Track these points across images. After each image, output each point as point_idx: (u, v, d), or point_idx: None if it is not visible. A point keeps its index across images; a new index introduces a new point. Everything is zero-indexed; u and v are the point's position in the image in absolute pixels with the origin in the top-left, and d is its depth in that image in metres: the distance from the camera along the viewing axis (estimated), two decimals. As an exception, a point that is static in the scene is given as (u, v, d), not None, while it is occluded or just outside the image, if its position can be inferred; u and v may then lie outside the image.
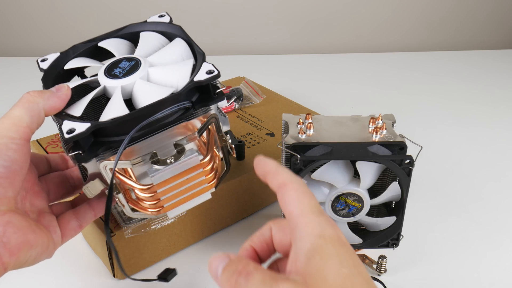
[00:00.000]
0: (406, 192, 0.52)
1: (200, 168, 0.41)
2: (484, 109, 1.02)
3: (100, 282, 0.58)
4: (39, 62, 0.45)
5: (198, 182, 0.42)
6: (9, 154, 0.35)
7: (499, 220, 0.68)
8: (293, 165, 0.50)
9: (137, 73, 0.42)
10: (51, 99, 0.39)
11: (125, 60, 0.44)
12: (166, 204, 0.42)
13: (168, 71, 0.43)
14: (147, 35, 0.48)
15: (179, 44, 0.46)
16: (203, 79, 0.40)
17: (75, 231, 0.43)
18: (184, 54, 0.46)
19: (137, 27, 0.49)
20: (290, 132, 0.53)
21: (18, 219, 0.36)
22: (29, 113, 0.37)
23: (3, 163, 0.35)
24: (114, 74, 0.42)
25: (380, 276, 0.58)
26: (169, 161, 0.40)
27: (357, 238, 0.56)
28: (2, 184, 0.35)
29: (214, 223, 0.64)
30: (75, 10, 1.31)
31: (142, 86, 0.41)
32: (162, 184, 0.40)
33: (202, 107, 0.41)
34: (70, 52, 0.47)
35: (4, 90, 1.11)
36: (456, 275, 0.58)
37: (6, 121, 0.36)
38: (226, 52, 1.36)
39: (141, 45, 0.47)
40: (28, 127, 0.37)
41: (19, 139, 0.36)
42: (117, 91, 0.41)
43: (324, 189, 0.53)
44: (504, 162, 0.83)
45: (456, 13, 1.38)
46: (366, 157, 0.50)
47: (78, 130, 0.37)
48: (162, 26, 0.49)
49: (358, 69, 1.23)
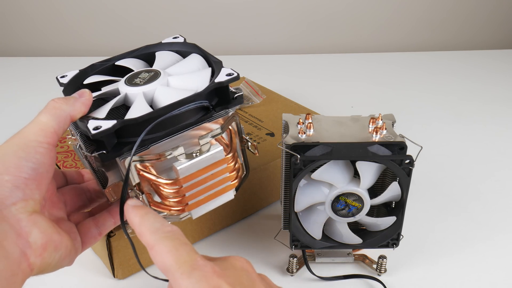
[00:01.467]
0: (406, 192, 0.52)
1: (225, 163, 0.42)
2: (484, 109, 1.02)
3: (100, 282, 0.58)
4: (59, 78, 0.47)
5: (222, 179, 0.43)
6: (37, 157, 0.36)
7: (498, 219, 0.68)
8: (293, 165, 0.50)
9: (157, 81, 0.43)
10: (76, 104, 0.40)
11: (144, 72, 0.45)
12: (191, 202, 0.42)
13: (187, 78, 0.45)
14: (162, 53, 0.50)
15: (195, 57, 0.48)
16: (223, 80, 0.41)
17: (95, 239, 0.44)
18: (200, 65, 0.47)
19: (152, 48, 0.51)
20: (290, 132, 0.53)
21: (43, 220, 0.36)
22: (56, 119, 0.38)
23: (31, 165, 0.36)
24: (135, 83, 0.43)
25: (380, 276, 0.58)
26: (195, 154, 0.40)
27: (357, 238, 0.56)
28: (29, 186, 0.36)
29: (214, 223, 0.64)
30: (75, 10, 1.31)
31: (163, 90, 0.43)
32: (188, 178, 0.41)
33: (222, 110, 0.43)
34: (89, 69, 0.49)
35: (4, 90, 1.11)
36: (455, 275, 0.58)
37: (34, 127, 0.38)
38: (226, 52, 1.36)
39: (158, 61, 0.49)
40: (55, 133, 0.38)
41: (47, 144, 0.37)
42: (139, 96, 0.42)
43: (324, 189, 0.53)
44: (504, 162, 0.83)
45: (456, 13, 1.38)
46: (366, 157, 0.50)
47: (104, 127, 0.37)
48: (177, 45, 0.50)
49: (358, 69, 1.23)
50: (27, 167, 0.36)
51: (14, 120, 0.95)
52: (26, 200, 0.35)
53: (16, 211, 0.35)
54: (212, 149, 0.41)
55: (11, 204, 0.35)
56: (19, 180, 0.35)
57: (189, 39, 0.50)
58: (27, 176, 0.36)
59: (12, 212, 0.35)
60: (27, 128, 0.38)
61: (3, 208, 0.34)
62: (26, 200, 0.35)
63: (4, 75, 1.19)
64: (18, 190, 0.35)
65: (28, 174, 0.36)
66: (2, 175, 0.35)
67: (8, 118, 0.97)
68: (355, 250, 0.60)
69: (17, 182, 0.35)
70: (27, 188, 0.35)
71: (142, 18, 1.32)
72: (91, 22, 1.33)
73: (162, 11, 1.31)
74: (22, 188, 0.35)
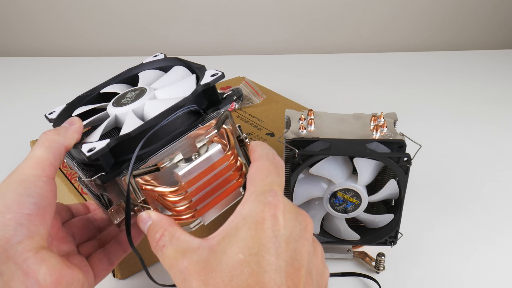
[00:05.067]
0: (404, 190, 0.53)
1: (225, 161, 0.41)
2: (484, 109, 1.02)
3: (100, 282, 0.58)
4: (47, 115, 0.46)
5: (226, 178, 0.42)
6: (37, 191, 0.36)
7: (498, 219, 0.68)
8: (291, 159, 0.50)
9: (144, 97, 0.43)
10: (68, 133, 0.39)
11: (130, 91, 0.45)
12: (199, 206, 0.42)
13: (173, 88, 0.45)
14: (145, 73, 0.50)
15: (178, 68, 0.48)
16: (209, 81, 0.41)
17: (107, 270, 0.43)
18: (184, 74, 0.47)
19: (134, 70, 0.51)
20: (291, 128, 0.53)
21: (52, 256, 0.35)
22: (51, 151, 0.38)
23: (33, 200, 0.35)
24: (123, 103, 0.43)
25: (379, 274, 0.58)
26: (194, 157, 0.40)
27: (355, 234, 0.56)
28: (33, 221, 0.35)
29: (214, 223, 0.64)
30: (75, 10, 1.31)
31: (152, 104, 0.43)
32: (191, 182, 0.40)
33: (214, 112, 0.43)
34: (76, 102, 0.48)
35: (4, 90, 1.11)
36: (455, 274, 0.58)
37: (30, 162, 0.37)
38: (226, 52, 1.36)
39: (142, 80, 0.49)
40: (52, 165, 0.37)
41: (45, 177, 0.36)
42: (129, 114, 0.42)
43: (323, 184, 0.53)
44: (504, 162, 0.83)
45: (456, 13, 1.38)
46: (364, 153, 0.50)
47: (98, 147, 0.37)
48: (159, 62, 0.50)
49: (358, 69, 1.23)
50: (29, 203, 0.35)
51: (14, 120, 0.95)
52: (31, 237, 0.34)
53: (23, 249, 0.34)
54: (210, 148, 0.40)
55: (17, 242, 0.34)
56: (22, 217, 0.34)
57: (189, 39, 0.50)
58: (30, 212, 0.35)
59: (19, 251, 0.33)
60: (23, 164, 0.37)
61: (8, 248, 0.33)
62: (32, 237, 0.34)
63: (4, 75, 1.20)
64: (22, 228, 0.34)
65: (31, 209, 0.35)
66: (4, 213, 0.34)
67: (8, 118, 0.97)
68: (354, 247, 0.60)
69: (20, 219, 0.34)
70: (31, 224, 0.34)
71: (142, 18, 1.32)
72: (91, 22, 1.33)
73: (162, 11, 1.31)
74: (26, 225, 0.34)
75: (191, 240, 0.35)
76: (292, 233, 0.34)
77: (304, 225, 0.36)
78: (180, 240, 0.35)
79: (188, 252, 0.34)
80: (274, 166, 0.37)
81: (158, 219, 0.38)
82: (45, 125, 0.43)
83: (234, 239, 0.33)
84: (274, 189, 0.35)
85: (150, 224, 0.38)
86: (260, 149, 0.39)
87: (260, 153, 0.38)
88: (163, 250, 0.35)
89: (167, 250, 0.35)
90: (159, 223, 0.37)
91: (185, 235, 0.36)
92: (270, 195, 0.34)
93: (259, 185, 0.35)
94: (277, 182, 0.36)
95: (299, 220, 0.35)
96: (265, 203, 0.34)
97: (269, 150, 0.39)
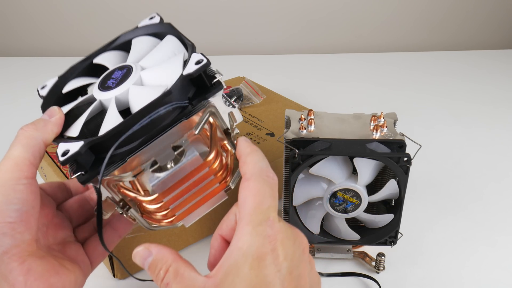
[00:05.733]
0: (404, 190, 0.53)
1: (206, 167, 0.39)
2: (484, 109, 1.02)
3: (100, 282, 0.58)
4: (39, 90, 0.44)
5: (208, 183, 0.40)
6: (17, 196, 0.34)
7: (498, 219, 0.68)
8: (291, 159, 0.50)
9: (129, 80, 0.39)
10: (47, 127, 0.37)
11: (117, 70, 0.41)
12: (178, 212, 0.40)
13: (159, 70, 0.41)
14: (138, 40, 0.46)
15: (170, 41, 0.44)
16: (192, 70, 0.37)
17: (102, 256, 0.43)
18: (176, 49, 0.43)
19: (129, 35, 0.47)
20: (291, 128, 0.53)
21: (38, 264, 0.35)
22: (30, 150, 0.35)
23: (14, 207, 0.33)
24: (108, 86, 0.40)
25: (379, 274, 0.58)
26: (169, 165, 0.37)
27: (355, 234, 0.56)
28: (17, 229, 0.33)
29: (214, 223, 0.64)
30: (75, 10, 1.31)
31: (135, 91, 0.39)
32: (167, 192, 0.38)
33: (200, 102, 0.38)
34: (68, 74, 0.45)
35: (4, 90, 1.11)
36: (455, 275, 0.58)
37: (7, 163, 0.35)
38: (226, 52, 1.36)
39: (133, 51, 0.45)
40: (32, 164, 0.35)
41: (25, 179, 0.35)
42: (112, 103, 0.39)
43: (323, 184, 0.53)
44: (504, 162, 0.83)
45: (456, 13, 1.38)
46: (364, 153, 0.50)
47: (72, 150, 0.34)
48: (152, 27, 0.47)
49: (358, 69, 1.23)
50: (10, 210, 0.33)
51: (14, 120, 0.95)
52: (17, 246, 0.33)
53: (9, 260, 0.33)
54: (186, 156, 0.37)
55: (2, 253, 0.33)
56: (5, 226, 0.33)
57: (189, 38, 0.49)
58: (12, 220, 0.33)
59: (5, 262, 0.33)
60: (1, 166, 0.35)
61: None
62: (18, 245, 0.33)
63: (4, 75, 1.20)
64: (6, 237, 0.33)
65: (13, 217, 0.33)
66: None
67: (8, 118, 0.97)
68: (355, 247, 0.60)
69: (3, 229, 0.33)
70: (15, 232, 0.33)
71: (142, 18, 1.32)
72: (91, 22, 1.33)
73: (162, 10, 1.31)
74: (10, 234, 0.33)
75: (196, 278, 0.34)
76: (293, 261, 0.34)
77: (302, 248, 0.36)
78: (184, 278, 0.34)
79: None
80: (268, 186, 0.35)
81: (160, 254, 0.36)
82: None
83: (238, 279, 0.32)
84: (270, 217, 0.34)
85: (152, 260, 0.36)
86: (251, 161, 0.36)
87: (252, 169, 0.35)
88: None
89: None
90: (162, 259, 0.35)
91: (189, 272, 0.34)
92: (268, 226, 0.33)
93: (255, 213, 0.34)
94: (272, 206, 0.34)
95: (297, 245, 0.35)
96: (264, 236, 0.33)
97: (261, 163, 0.36)
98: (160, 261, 0.35)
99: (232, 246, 0.34)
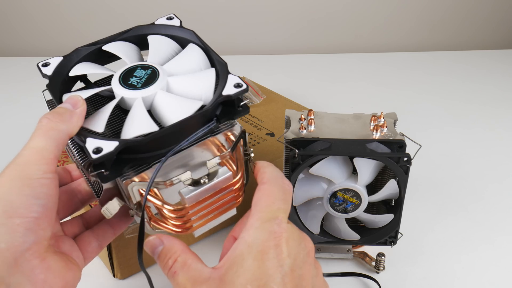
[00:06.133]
0: (403, 190, 0.53)
1: (232, 186, 0.40)
2: (484, 109, 1.02)
3: (100, 282, 0.58)
4: (41, 67, 0.41)
5: (228, 199, 0.41)
6: (44, 191, 0.33)
7: (498, 219, 0.68)
8: (291, 159, 0.50)
9: (157, 84, 0.39)
10: (73, 120, 0.36)
11: (140, 68, 0.41)
12: (195, 224, 0.40)
13: (190, 82, 0.40)
14: (156, 39, 0.45)
15: (195, 50, 0.43)
16: (232, 93, 0.37)
17: (96, 252, 0.42)
18: (201, 62, 0.43)
19: (144, 29, 0.46)
20: (291, 128, 0.53)
21: (56, 260, 0.35)
22: (55, 142, 0.34)
23: (40, 202, 0.33)
24: (132, 84, 0.39)
25: (379, 274, 0.58)
26: (203, 181, 0.38)
27: (355, 234, 0.56)
28: (41, 225, 0.33)
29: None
30: (76, 9, 1.31)
31: (164, 97, 0.39)
32: (195, 205, 0.38)
33: (227, 121, 0.39)
34: (74, 56, 0.44)
35: (4, 90, 1.11)
36: (455, 275, 0.58)
37: (33, 154, 0.34)
38: (226, 52, 1.35)
39: (152, 51, 0.44)
40: (55, 158, 0.34)
41: (50, 173, 0.34)
42: (139, 104, 0.38)
43: (323, 184, 0.53)
44: (504, 162, 0.83)
45: (456, 13, 1.38)
46: (364, 153, 0.50)
47: (106, 150, 0.33)
48: (173, 30, 0.45)
49: (358, 69, 1.23)
50: (36, 205, 0.33)
51: (14, 120, 0.95)
52: (39, 243, 0.33)
53: (31, 256, 0.33)
54: (220, 174, 0.38)
55: (26, 250, 0.32)
56: (31, 222, 0.32)
57: None
58: (37, 215, 0.33)
59: (27, 259, 0.32)
60: (25, 156, 0.34)
61: (18, 256, 0.32)
62: (40, 242, 0.33)
63: (4, 75, 1.19)
64: (31, 233, 0.32)
65: (38, 212, 0.33)
66: (13, 218, 0.32)
67: (8, 118, 0.97)
68: (355, 247, 0.60)
69: (29, 224, 0.32)
70: (39, 228, 0.33)
71: (143, 17, 1.31)
72: (91, 22, 1.33)
73: (162, 10, 1.30)
74: (35, 230, 0.33)
75: (202, 269, 0.35)
76: (296, 260, 0.35)
77: (307, 250, 0.36)
78: (191, 268, 0.35)
79: (198, 281, 0.34)
80: (282, 191, 0.37)
81: (170, 244, 0.37)
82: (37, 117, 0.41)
83: (241, 269, 0.33)
84: (279, 217, 0.35)
85: (162, 249, 0.37)
86: (269, 171, 0.38)
87: (269, 176, 0.38)
88: (174, 277, 0.35)
89: (178, 277, 0.35)
90: (172, 248, 0.36)
91: (196, 263, 0.35)
92: (275, 223, 0.35)
93: (264, 211, 0.35)
94: (282, 209, 0.36)
95: (302, 246, 0.36)
96: (270, 231, 0.34)
97: (277, 173, 0.39)
98: (169, 251, 0.36)
99: (239, 239, 0.35)
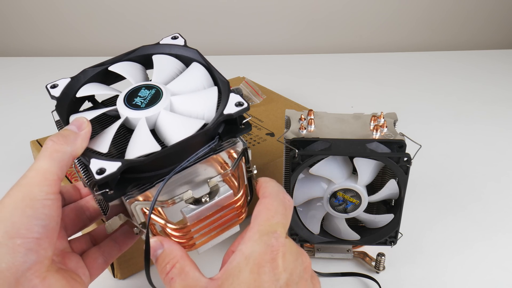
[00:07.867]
0: (404, 190, 0.53)
1: (234, 204, 0.40)
2: (484, 109, 1.02)
3: (100, 282, 0.58)
4: (49, 88, 0.43)
5: (230, 217, 0.41)
6: (45, 212, 0.34)
7: (498, 219, 0.68)
8: (291, 159, 0.50)
9: (160, 103, 0.40)
10: (77, 142, 0.36)
11: (144, 88, 0.42)
12: (198, 241, 0.40)
13: (193, 101, 0.41)
14: (161, 59, 0.46)
15: (198, 69, 0.45)
16: (233, 112, 0.38)
17: (102, 268, 0.43)
18: (204, 81, 0.44)
19: (149, 49, 0.47)
20: (291, 128, 0.53)
21: (57, 279, 0.35)
22: (58, 164, 0.35)
23: (41, 223, 0.33)
24: (136, 104, 0.40)
25: (379, 274, 0.58)
26: (204, 199, 0.38)
27: (355, 234, 0.56)
28: (42, 245, 0.33)
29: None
30: (75, 10, 1.31)
31: (167, 117, 0.40)
32: (197, 223, 0.39)
33: (229, 139, 0.40)
34: (81, 77, 0.45)
35: (4, 90, 1.11)
36: (455, 274, 0.58)
37: (36, 176, 0.34)
38: (226, 52, 1.36)
39: (157, 71, 0.45)
40: (59, 179, 0.35)
41: (53, 194, 0.34)
42: (142, 124, 0.39)
43: (323, 184, 0.53)
44: (504, 162, 0.83)
45: (456, 13, 1.38)
46: (364, 153, 0.50)
47: (109, 170, 0.34)
48: (177, 49, 0.47)
49: (358, 69, 1.23)
50: (38, 226, 0.33)
51: (14, 120, 0.95)
52: (40, 262, 0.34)
53: (32, 276, 0.33)
54: (222, 192, 0.39)
55: (27, 269, 0.33)
56: (32, 242, 0.33)
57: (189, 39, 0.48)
58: (39, 235, 0.33)
59: (28, 278, 0.33)
60: (29, 178, 0.34)
61: (19, 276, 0.32)
62: (41, 261, 0.34)
63: (4, 75, 1.20)
64: (31, 253, 0.33)
65: (39, 233, 0.33)
66: (14, 238, 0.32)
67: (8, 118, 0.97)
68: (355, 247, 0.60)
69: (29, 244, 0.33)
70: (41, 248, 0.33)
71: (143, 17, 1.32)
72: (92, 22, 1.33)
73: (162, 10, 1.31)
74: (36, 250, 0.33)
75: (199, 278, 0.35)
76: (292, 275, 0.35)
77: (304, 266, 0.36)
78: (188, 276, 0.35)
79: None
80: (282, 206, 0.37)
81: (170, 248, 0.37)
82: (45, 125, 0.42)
83: (237, 281, 0.34)
84: (278, 231, 0.35)
85: (161, 253, 0.37)
86: (270, 185, 0.39)
87: (270, 190, 0.38)
88: (170, 283, 0.35)
89: (174, 284, 0.35)
90: (171, 253, 0.36)
91: (194, 271, 0.36)
92: (274, 237, 0.35)
93: (264, 225, 0.36)
94: (282, 223, 0.36)
95: (299, 262, 0.36)
96: (267, 245, 0.35)
97: (279, 188, 0.39)
98: (169, 255, 0.36)
99: (237, 251, 0.35)
